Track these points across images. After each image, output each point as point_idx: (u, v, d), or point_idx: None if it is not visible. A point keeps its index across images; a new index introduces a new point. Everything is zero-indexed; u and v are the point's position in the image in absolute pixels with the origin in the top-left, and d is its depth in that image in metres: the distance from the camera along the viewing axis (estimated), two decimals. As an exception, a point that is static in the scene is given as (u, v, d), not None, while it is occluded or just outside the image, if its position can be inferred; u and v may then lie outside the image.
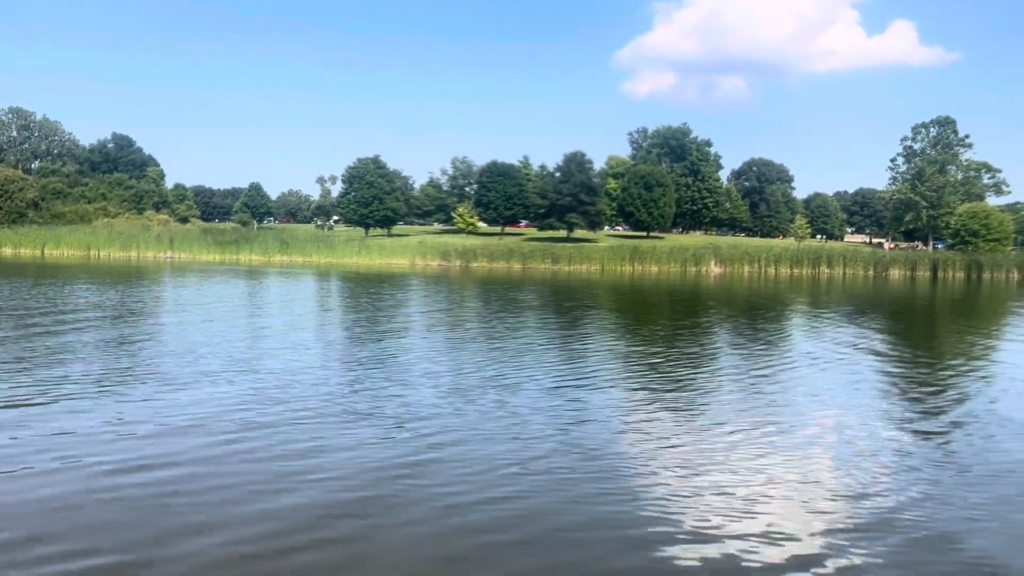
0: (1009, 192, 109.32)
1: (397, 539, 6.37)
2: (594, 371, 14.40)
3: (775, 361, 16.32)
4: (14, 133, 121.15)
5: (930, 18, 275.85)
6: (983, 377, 15.00)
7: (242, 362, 14.05)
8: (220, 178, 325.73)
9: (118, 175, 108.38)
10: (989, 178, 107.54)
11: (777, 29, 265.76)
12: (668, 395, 12.28)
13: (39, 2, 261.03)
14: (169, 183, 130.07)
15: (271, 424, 9.69)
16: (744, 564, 6.05)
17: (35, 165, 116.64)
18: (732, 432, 9.95)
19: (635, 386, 13.11)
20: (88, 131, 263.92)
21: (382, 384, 12.46)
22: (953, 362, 17.04)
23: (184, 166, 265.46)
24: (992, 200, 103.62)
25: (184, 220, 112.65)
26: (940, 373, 15.46)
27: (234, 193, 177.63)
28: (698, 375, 14.31)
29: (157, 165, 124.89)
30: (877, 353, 18.25)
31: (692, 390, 12.80)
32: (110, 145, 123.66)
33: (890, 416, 11.26)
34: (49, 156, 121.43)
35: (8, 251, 64.62)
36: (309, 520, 6.66)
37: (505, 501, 7.23)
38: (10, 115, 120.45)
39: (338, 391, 11.79)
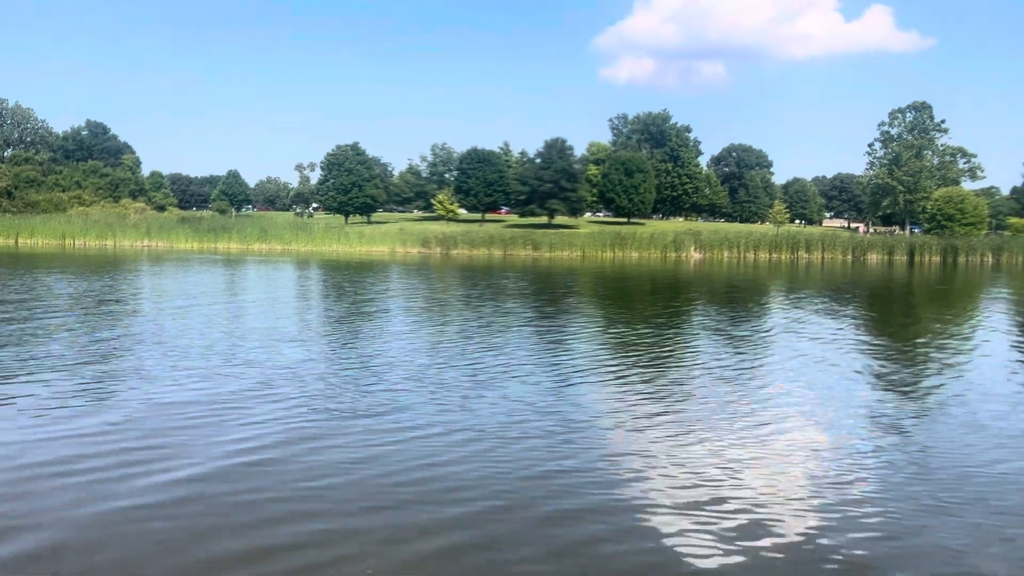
0: (984, 177, 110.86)
1: (378, 533, 6.34)
2: (577, 360, 14.42)
3: (754, 349, 16.43)
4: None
5: (906, 3, 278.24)
6: (959, 362, 15.18)
7: (221, 356, 13.92)
8: (198, 166, 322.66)
9: (93, 163, 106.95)
10: (964, 163, 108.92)
11: (755, 14, 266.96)
12: (648, 382, 12.31)
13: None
14: (145, 171, 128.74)
15: (252, 418, 9.62)
16: (721, 551, 6.09)
17: (7, 153, 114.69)
18: (714, 420, 10.00)
19: (615, 375, 13.12)
20: (62, 118, 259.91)
21: (365, 376, 12.39)
22: (930, 347, 17.22)
23: (161, 153, 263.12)
24: (967, 185, 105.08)
25: (161, 208, 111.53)
26: (917, 358, 15.63)
27: (212, 181, 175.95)
28: (679, 363, 14.37)
29: (133, 152, 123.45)
30: (856, 338, 18.41)
31: (673, 377, 12.84)
32: (84, 132, 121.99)
33: (869, 403, 11.36)
34: (22, 144, 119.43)
35: (-19, 241, 63.60)
36: (287, 515, 6.63)
37: (488, 496, 7.23)
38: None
39: (319, 384, 11.71)
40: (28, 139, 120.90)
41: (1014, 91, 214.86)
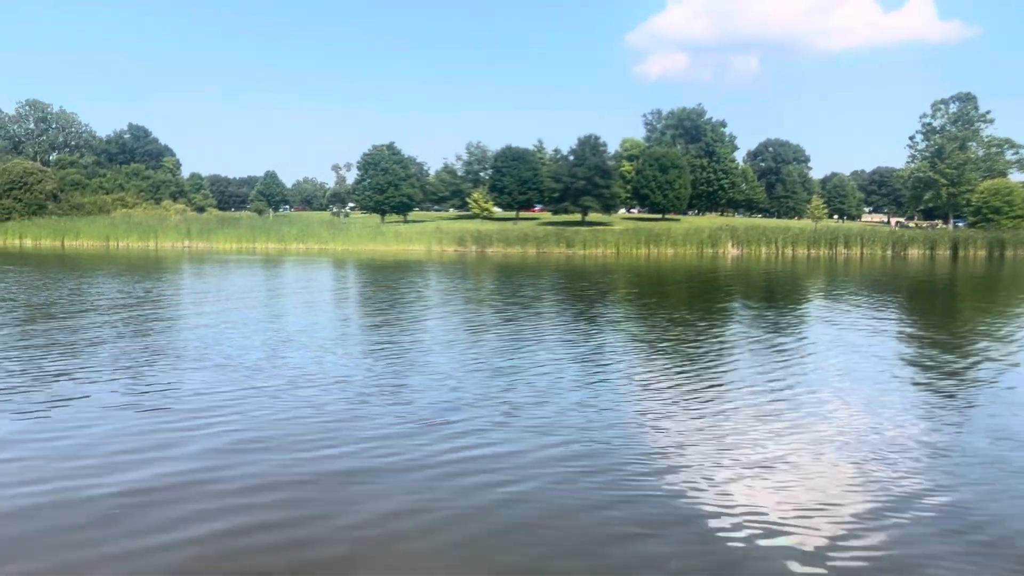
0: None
1: (413, 527, 6.42)
2: (612, 358, 14.40)
3: (795, 346, 16.23)
4: (31, 126, 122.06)
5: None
6: (1003, 360, 14.84)
7: (266, 358, 14.15)
8: (236, 167, 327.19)
9: (135, 165, 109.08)
10: (1012, 154, 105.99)
11: (790, 6, 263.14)
12: (688, 379, 12.24)
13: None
14: (185, 173, 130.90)
15: (289, 418, 9.77)
16: (760, 546, 6.05)
17: (53, 157, 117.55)
18: (755, 420, 9.92)
19: (654, 371, 13.06)
20: (104, 122, 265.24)
21: (406, 378, 12.50)
22: (973, 344, 16.85)
23: (200, 156, 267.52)
24: (1015, 176, 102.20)
25: (201, 209, 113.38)
26: (960, 355, 15.31)
27: (250, 181, 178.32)
28: (719, 358, 14.25)
29: (173, 155, 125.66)
30: (897, 336, 18.11)
31: (713, 372, 12.75)
32: (126, 136, 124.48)
33: (911, 401, 11.18)
34: (67, 148, 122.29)
35: (29, 242, 65.28)
36: (324, 508, 6.75)
37: (519, 495, 7.28)
38: (27, 108, 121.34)
39: (361, 385, 11.84)
40: (73, 143, 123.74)
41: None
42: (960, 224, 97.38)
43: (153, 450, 8.23)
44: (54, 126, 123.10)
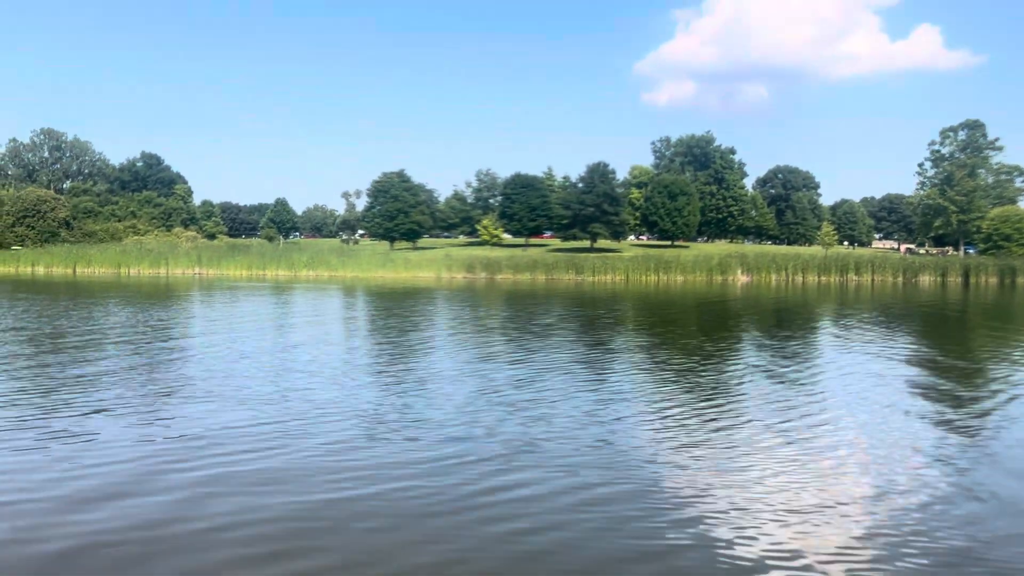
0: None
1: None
2: (628, 391, 14.27)
3: (813, 380, 16.07)
4: (46, 154, 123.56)
5: (955, 22, 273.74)
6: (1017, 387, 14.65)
7: (276, 391, 14.08)
8: (246, 194, 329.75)
9: (147, 193, 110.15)
10: (1022, 181, 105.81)
11: (798, 35, 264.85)
12: (707, 416, 12.09)
13: (68, 28, 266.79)
14: (197, 200, 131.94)
15: (298, 449, 9.69)
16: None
17: (66, 185, 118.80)
18: (779, 460, 9.78)
19: (672, 405, 12.92)
20: (118, 150, 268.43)
21: (418, 411, 12.40)
22: (995, 377, 16.65)
23: (211, 183, 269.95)
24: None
25: (211, 236, 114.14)
26: (982, 390, 15.11)
27: (260, 209, 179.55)
28: (738, 393, 14.11)
29: (185, 182, 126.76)
30: (911, 364, 17.92)
31: (733, 408, 12.59)
32: (139, 164, 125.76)
33: (935, 438, 11.01)
34: (80, 176, 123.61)
35: (41, 270, 65.66)
36: (333, 543, 6.65)
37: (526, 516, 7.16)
38: (42, 136, 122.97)
39: (373, 419, 11.76)
40: (86, 171, 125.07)
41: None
42: (971, 251, 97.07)
43: (153, 483, 8.16)
44: (68, 154, 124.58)
